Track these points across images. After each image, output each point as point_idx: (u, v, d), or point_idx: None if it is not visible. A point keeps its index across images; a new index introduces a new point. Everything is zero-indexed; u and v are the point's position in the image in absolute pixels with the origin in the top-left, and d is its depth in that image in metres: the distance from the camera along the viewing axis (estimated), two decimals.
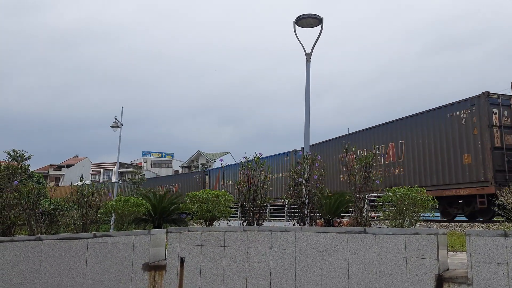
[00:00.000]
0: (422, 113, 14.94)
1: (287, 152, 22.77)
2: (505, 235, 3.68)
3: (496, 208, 12.13)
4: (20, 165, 6.90)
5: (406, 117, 15.63)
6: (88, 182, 6.76)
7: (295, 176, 6.24)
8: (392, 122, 16.35)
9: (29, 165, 24.00)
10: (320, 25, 10.14)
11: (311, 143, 20.05)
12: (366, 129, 17.59)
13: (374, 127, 17.20)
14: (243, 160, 6.49)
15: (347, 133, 19.86)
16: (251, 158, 6.62)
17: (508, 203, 4.65)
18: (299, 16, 10.10)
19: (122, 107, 26.35)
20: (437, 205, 6.00)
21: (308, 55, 10.32)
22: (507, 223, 5.14)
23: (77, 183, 6.53)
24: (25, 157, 21.76)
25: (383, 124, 16.72)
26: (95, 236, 5.91)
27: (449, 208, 14.22)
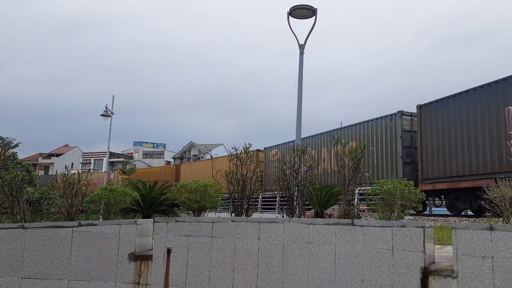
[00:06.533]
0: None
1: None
2: (491, 228, 3.69)
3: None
4: (3, 152, 6.74)
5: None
6: (73, 171, 6.64)
7: (285, 168, 6.19)
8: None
9: (16, 152, 23.66)
10: (314, 16, 10.04)
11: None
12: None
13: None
14: (232, 151, 6.42)
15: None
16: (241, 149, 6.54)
17: (495, 197, 4.67)
18: (293, 6, 9.97)
19: (113, 96, 25.93)
20: None
21: (301, 47, 10.22)
22: (494, 218, 5.17)
23: (62, 172, 6.41)
24: (13, 144, 21.40)
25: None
26: (80, 225, 5.82)
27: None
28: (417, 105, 14.67)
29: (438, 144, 13.59)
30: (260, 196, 20.16)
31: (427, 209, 17.14)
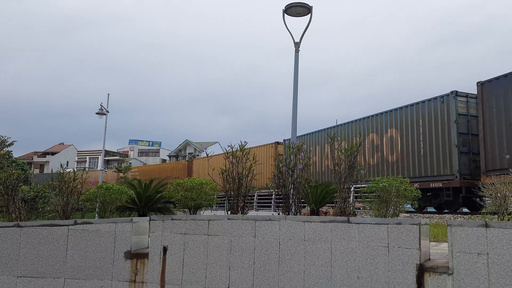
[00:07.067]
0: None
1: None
2: (486, 225, 3.71)
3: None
4: None
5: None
6: (69, 170, 6.61)
7: (280, 165, 6.19)
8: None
9: (11, 151, 23.54)
10: (310, 14, 10.04)
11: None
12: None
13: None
14: (228, 149, 6.41)
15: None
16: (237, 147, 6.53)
17: (490, 194, 4.70)
18: (288, 4, 9.97)
19: (108, 94, 25.89)
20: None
21: (297, 45, 10.22)
22: (489, 214, 5.21)
23: (57, 170, 6.38)
24: (8, 143, 21.26)
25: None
26: (76, 223, 5.80)
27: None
28: (477, 82, 12.22)
29: (508, 128, 11.43)
30: (255, 194, 20.17)
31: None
